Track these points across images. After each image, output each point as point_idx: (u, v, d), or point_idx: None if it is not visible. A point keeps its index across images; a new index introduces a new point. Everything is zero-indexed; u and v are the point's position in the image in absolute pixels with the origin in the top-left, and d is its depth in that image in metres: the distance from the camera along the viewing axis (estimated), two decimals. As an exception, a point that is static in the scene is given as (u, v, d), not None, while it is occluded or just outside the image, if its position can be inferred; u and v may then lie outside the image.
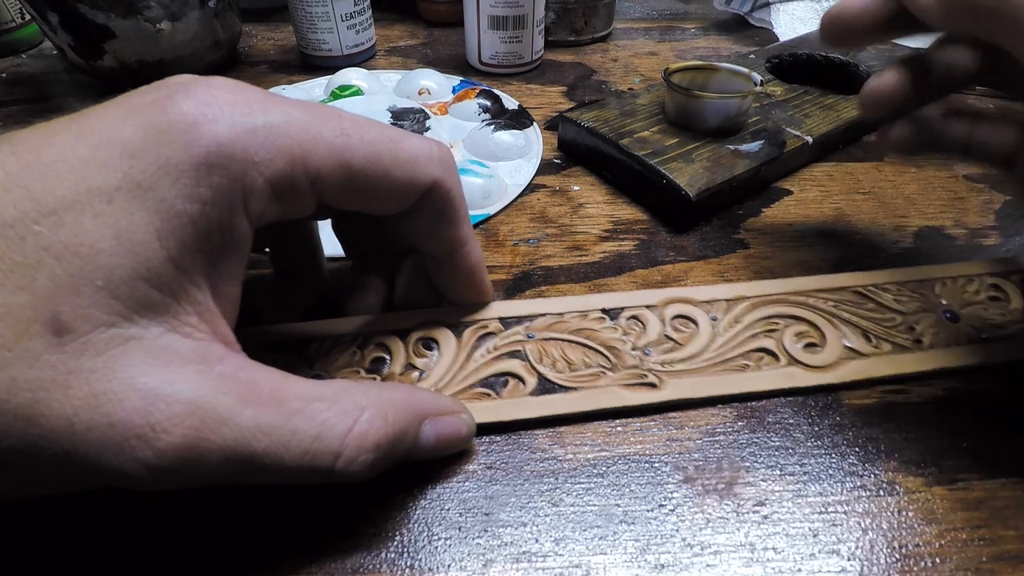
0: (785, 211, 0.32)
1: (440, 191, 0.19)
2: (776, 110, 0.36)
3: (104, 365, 0.13)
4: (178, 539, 0.17)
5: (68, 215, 0.13)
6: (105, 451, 0.13)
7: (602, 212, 0.32)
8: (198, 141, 0.14)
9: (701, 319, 0.23)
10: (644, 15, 0.59)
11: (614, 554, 0.17)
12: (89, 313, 0.13)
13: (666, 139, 0.32)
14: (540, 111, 0.41)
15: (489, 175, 0.32)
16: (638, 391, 0.21)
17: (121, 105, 0.15)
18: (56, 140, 0.14)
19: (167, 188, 0.14)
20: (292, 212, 0.17)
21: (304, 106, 0.16)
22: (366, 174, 0.17)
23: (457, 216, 0.20)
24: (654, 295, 0.24)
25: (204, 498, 0.18)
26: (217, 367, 0.15)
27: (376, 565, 0.17)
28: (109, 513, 0.18)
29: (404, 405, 0.17)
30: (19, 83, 0.45)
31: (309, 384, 0.16)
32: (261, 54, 0.50)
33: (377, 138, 0.17)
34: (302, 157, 0.16)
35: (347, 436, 0.15)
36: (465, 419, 0.19)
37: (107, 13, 0.38)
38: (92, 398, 0.13)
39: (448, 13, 0.55)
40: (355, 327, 0.22)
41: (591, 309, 0.23)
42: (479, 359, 0.21)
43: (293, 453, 0.15)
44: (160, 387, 0.14)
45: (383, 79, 0.44)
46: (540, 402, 0.20)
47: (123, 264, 0.13)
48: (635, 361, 0.22)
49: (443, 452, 0.19)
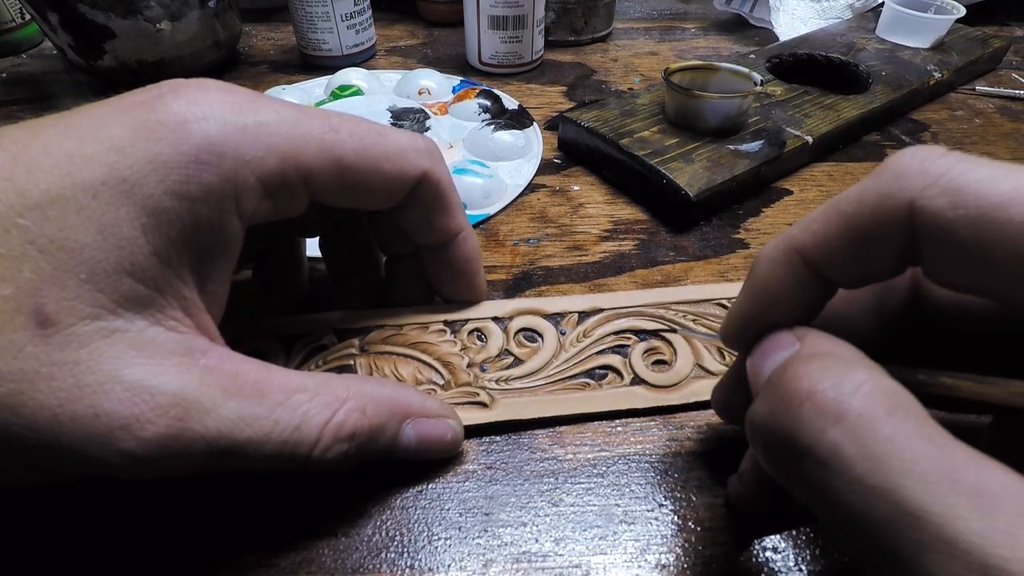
0: (785, 211, 0.32)
1: (430, 182, 0.19)
2: (776, 110, 0.36)
3: (88, 357, 0.13)
4: (175, 539, 0.17)
5: (52, 209, 0.13)
6: (90, 441, 0.13)
7: (602, 212, 0.32)
8: (188, 139, 0.14)
9: (548, 333, 0.22)
10: (644, 15, 0.59)
11: (614, 554, 0.17)
12: (73, 306, 0.13)
13: (666, 139, 0.32)
14: (540, 111, 0.41)
15: (489, 175, 0.32)
16: (467, 410, 0.20)
17: (111, 104, 0.15)
18: (43, 135, 0.14)
19: (154, 184, 0.14)
20: (284, 211, 0.17)
21: (292, 106, 0.17)
22: (357, 169, 0.17)
23: (449, 204, 0.20)
24: (503, 306, 0.23)
25: (201, 497, 0.18)
26: (201, 360, 0.15)
27: (376, 565, 0.17)
28: (110, 513, 0.18)
29: (385, 401, 0.17)
30: (19, 83, 0.45)
31: (292, 376, 0.16)
32: (261, 54, 0.50)
33: (365, 133, 0.17)
34: (293, 155, 0.16)
35: (325, 426, 0.16)
36: (452, 424, 0.19)
37: (107, 13, 0.38)
38: (76, 389, 0.13)
39: (448, 13, 0.55)
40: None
41: (432, 321, 0.22)
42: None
43: (274, 442, 0.15)
44: (145, 379, 0.14)
45: (383, 79, 0.44)
46: None
47: (107, 258, 0.14)
48: (469, 378, 0.21)
49: (428, 455, 0.19)
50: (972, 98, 0.44)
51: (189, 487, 0.18)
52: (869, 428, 0.10)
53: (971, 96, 0.44)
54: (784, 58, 0.43)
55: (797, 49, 0.43)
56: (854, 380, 0.11)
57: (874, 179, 0.13)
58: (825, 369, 0.12)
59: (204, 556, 0.17)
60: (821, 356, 0.12)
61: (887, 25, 0.46)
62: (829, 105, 0.36)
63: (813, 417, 0.11)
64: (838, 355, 0.12)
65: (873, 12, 0.51)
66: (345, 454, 0.16)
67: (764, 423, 0.12)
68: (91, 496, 0.18)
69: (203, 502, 0.18)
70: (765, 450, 0.12)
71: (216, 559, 0.17)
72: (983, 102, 0.43)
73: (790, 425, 0.11)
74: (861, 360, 0.12)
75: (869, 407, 0.11)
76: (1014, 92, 0.43)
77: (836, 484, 0.10)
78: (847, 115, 0.36)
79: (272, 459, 0.15)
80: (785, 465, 0.12)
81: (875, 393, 0.11)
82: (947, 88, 0.44)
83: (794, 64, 0.43)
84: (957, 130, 0.39)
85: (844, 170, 0.35)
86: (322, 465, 0.16)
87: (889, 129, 0.39)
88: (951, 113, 0.41)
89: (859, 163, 0.36)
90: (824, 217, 0.13)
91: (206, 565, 0.17)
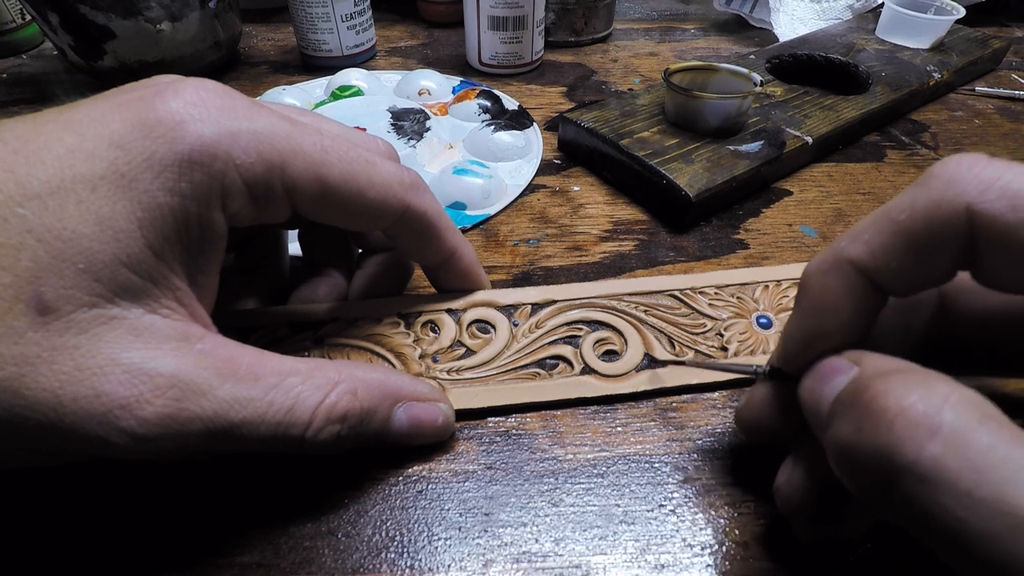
0: (785, 211, 0.32)
1: (414, 215, 0.20)
2: (776, 110, 0.36)
3: (88, 342, 0.14)
4: (175, 538, 0.17)
5: (52, 200, 0.14)
6: (90, 420, 0.14)
7: (602, 212, 0.32)
8: (183, 139, 0.15)
9: (501, 324, 0.22)
10: (644, 15, 0.59)
11: (614, 554, 0.17)
12: (71, 294, 0.14)
13: (666, 139, 0.32)
14: (540, 111, 0.41)
15: (489, 175, 0.32)
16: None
17: (110, 99, 0.15)
18: (44, 129, 0.14)
19: (150, 180, 0.14)
20: (267, 217, 0.17)
21: (289, 120, 0.17)
22: (340, 192, 0.18)
23: (437, 232, 0.21)
24: (457, 299, 0.23)
25: (201, 497, 0.18)
26: (197, 345, 0.15)
27: (376, 565, 0.17)
28: (110, 513, 0.18)
29: (376, 384, 0.18)
30: (19, 83, 0.45)
31: (285, 360, 0.17)
32: (261, 54, 0.50)
33: (353, 159, 0.18)
34: (280, 166, 0.16)
35: (318, 408, 0.16)
36: (443, 408, 0.19)
37: (107, 13, 0.38)
38: (77, 372, 0.14)
39: (448, 13, 0.55)
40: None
41: (386, 313, 0.22)
42: None
43: (269, 423, 0.16)
44: (143, 361, 0.14)
45: (383, 79, 0.44)
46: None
47: (104, 249, 0.14)
48: (421, 369, 0.21)
49: (420, 439, 0.19)
50: (972, 99, 0.44)
51: (189, 486, 0.18)
52: (968, 439, 0.10)
53: (971, 97, 0.44)
54: (784, 59, 0.43)
55: (797, 50, 0.43)
56: (940, 392, 0.11)
57: (923, 188, 0.13)
58: (908, 384, 0.12)
59: (204, 556, 0.17)
60: (896, 372, 0.12)
61: (887, 26, 0.46)
62: (829, 106, 0.37)
63: (907, 433, 0.11)
64: (910, 371, 0.12)
65: (873, 13, 0.51)
66: (338, 435, 0.17)
67: (852, 444, 0.12)
68: (93, 494, 0.18)
69: (203, 502, 0.18)
70: (855, 472, 0.12)
71: (216, 559, 0.17)
72: (983, 103, 0.43)
73: (883, 443, 0.11)
74: (935, 373, 0.12)
75: (962, 418, 0.11)
76: (1014, 93, 0.43)
77: (943, 500, 0.10)
78: (847, 116, 0.36)
79: (267, 440, 0.16)
80: (880, 486, 0.11)
81: (963, 404, 0.11)
82: (947, 89, 0.44)
83: (794, 65, 0.43)
84: (957, 130, 0.39)
85: (844, 170, 0.35)
86: (316, 447, 0.16)
87: (889, 130, 0.39)
88: (951, 114, 0.42)
89: (859, 163, 0.36)
90: (875, 226, 0.14)
91: (206, 565, 0.17)
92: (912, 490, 0.11)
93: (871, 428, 0.11)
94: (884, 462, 0.11)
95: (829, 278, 0.14)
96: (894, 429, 0.11)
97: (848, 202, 0.32)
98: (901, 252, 0.13)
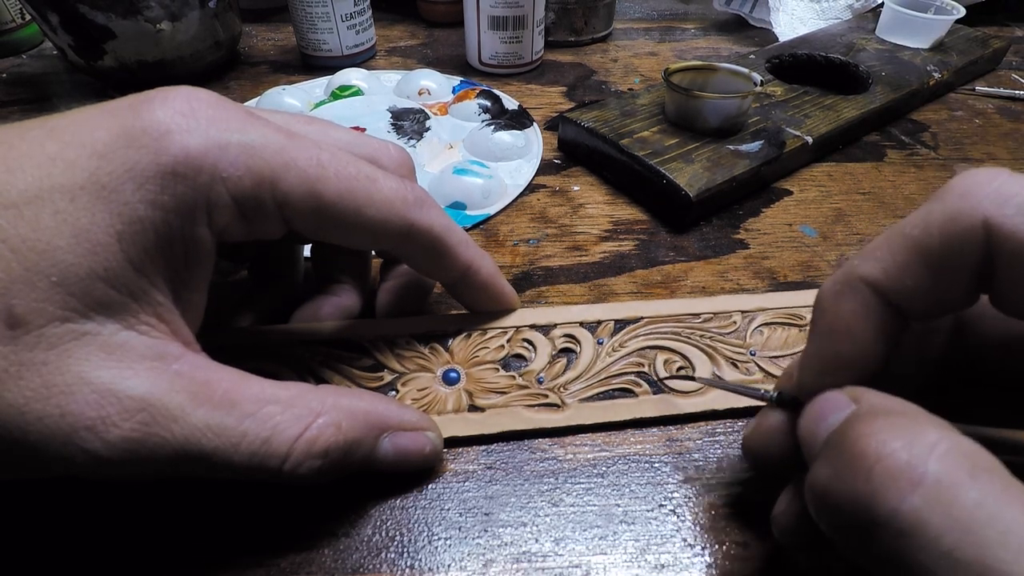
0: (785, 211, 0.32)
1: (420, 232, 0.19)
2: (776, 110, 0.36)
3: (57, 358, 0.13)
4: (175, 538, 0.17)
5: (28, 209, 0.13)
6: (54, 440, 0.13)
7: (602, 212, 0.32)
8: (167, 150, 0.14)
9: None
10: (644, 15, 0.59)
11: (614, 554, 0.17)
12: (43, 308, 0.13)
13: (666, 139, 0.32)
14: (540, 111, 0.41)
15: (489, 175, 0.32)
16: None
17: (100, 108, 0.15)
18: (27, 136, 0.14)
19: (131, 192, 0.14)
20: (260, 233, 0.17)
21: (285, 132, 0.16)
22: (337, 209, 0.17)
23: (447, 248, 0.20)
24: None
25: (201, 497, 0.18)
26: (173, 365, 0.15)
27: (376, 565, 0.17)
28: (110, 513, 0.18)
29: (361, 415, 0.17)
30: (19, 83, 0.45)
31: (267, 386, 0.16)
32: (261, 54, 0.50)
33: (353, 175, 0.17)
34: (271, 180, 0.16)
35: (297, 441, 0.15)
36: (431, 437, 0.19)
37: (107, 13, 0.38)
38: (44, 389, 0.13)
39: (448, 13, 0.55)
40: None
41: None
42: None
43: (242, 454, 0.15)
44: (113, 382, 0.14)
45: (383, 79, 0.44)
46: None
47: (80, 262, 0.14)
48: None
49: (406, 468, 0.18)
50: (972, 98, 0.44)
51: (189, 487, 0.18)
52: (953, 494, 0.10)
53: (971, 96, 0.44)
54: (784, 58, 0.43)
55: (797, 49, 0.43)
56: (926, 440, 0.10)
57: (938, 201, 0.12)
58: (892, 428, 0.11)
59: (204, 556, 0.17)
60: (885, 414, 0.11)
61: (887, 25, 0.46)
62: (829, 105, 0.37)
63: (886, 482, 0.10)
64: (902, 412, 0.12)
65: (873, 12, 0.51)
66: (318, 470, 0.16)
67: (827, 489, 0.11)
68: (90, 494, 0.18)
69: (203, 502, 0.18)
70: (831, 519, 0.11)
71: (216, 559, 0.17)
72: (983, 102, 0.43)
73: (861, 491, 0.10)
74: (928, 417, 0.11)
75: (949, 470, 0.10)
76: (1014, 92, 0.43)
77: (922, 558, 0.10)
78: (847, 115, 0.36)
79: (241, 470, 0.15)
80: (856, 536, 0.11)
81: (952, 454, 0.10)
82: (947, 88, 0.44)
83: (794, 64, 0.43)
84: (957, 130, 0.39)
85: (844, 170, 0.35)
86: (295, 480, 0.16)
87: (889, 129, 0.39)
88: (951, 113, 0.42)
89: (859, 163, 0.36)
90: (888, 243, 0.13)
91: (206, 565, 0.17)
92: (891, 544, 0.10)
93: (848, 474, 0.11)
94: (861, 512, 0.10)
95: (843, 299, 0.14)
96: (872, 477, 0.10)
97: (848, 202, 0.32)
98: (916, 269, 0.13)
